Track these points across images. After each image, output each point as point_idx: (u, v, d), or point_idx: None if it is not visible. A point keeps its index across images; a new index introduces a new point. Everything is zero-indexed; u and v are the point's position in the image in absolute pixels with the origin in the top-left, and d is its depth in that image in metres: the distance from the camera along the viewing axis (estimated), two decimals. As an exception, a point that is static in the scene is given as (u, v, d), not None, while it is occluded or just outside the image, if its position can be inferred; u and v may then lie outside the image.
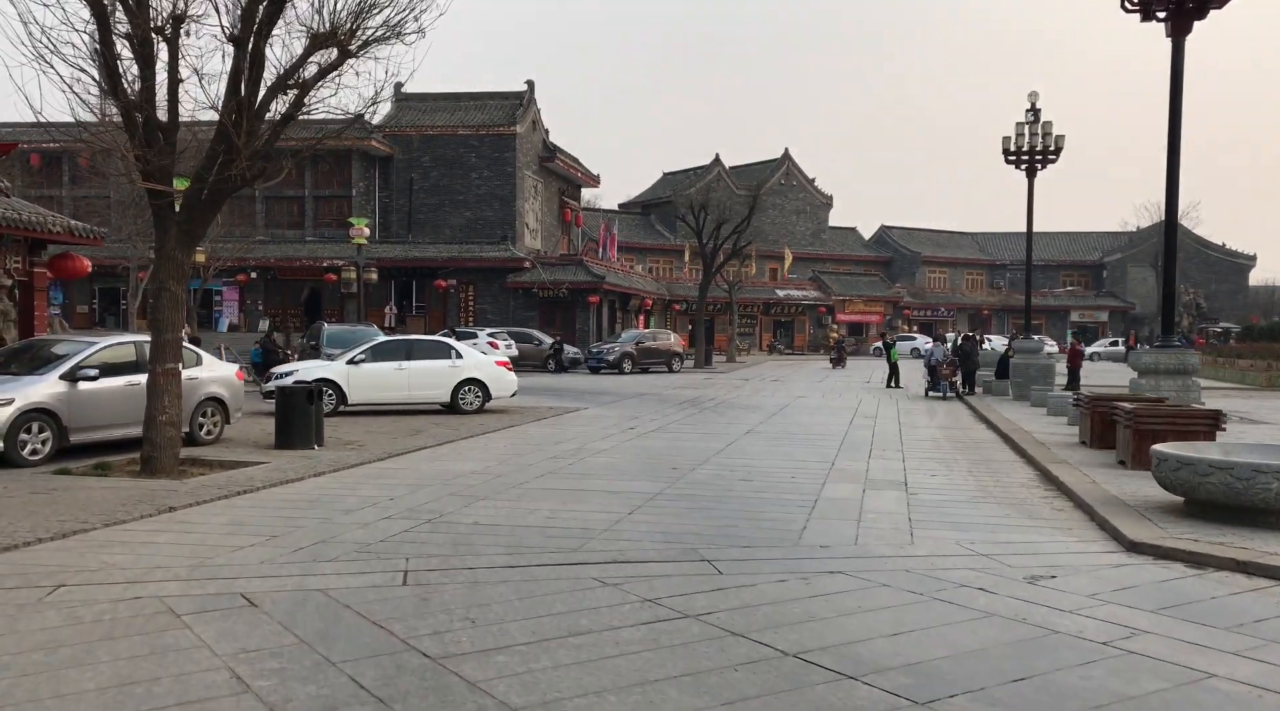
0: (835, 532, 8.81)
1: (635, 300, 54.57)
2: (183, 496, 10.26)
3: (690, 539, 8.49)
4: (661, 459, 13.78)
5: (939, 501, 10.52)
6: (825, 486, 11.41)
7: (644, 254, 67.53)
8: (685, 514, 9.62)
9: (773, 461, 13.65)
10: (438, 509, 9.86)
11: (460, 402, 20.27)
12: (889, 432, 17.63)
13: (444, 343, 20.78)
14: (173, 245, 12.29)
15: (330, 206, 50.75)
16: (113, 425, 13.42)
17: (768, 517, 9.50)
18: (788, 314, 69.71)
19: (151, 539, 8.42)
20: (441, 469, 12.70)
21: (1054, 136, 40.50)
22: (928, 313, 76.15)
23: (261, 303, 49.23)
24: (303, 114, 12.56)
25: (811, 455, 14.40)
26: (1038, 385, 23.39)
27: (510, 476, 12.07)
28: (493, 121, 50.79)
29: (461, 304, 48.68)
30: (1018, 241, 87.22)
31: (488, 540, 8.42)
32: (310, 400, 14.42)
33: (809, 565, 7.56)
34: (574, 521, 9.24)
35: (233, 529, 8.83)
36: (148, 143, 11.94)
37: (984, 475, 12.53)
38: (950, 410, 22.84)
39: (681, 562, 7.61)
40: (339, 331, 25.59)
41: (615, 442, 15.68)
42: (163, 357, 12.14)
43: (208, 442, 14.71)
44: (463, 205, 50.47)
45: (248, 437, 15.72)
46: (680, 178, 74.03)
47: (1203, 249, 78.52)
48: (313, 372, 19.36)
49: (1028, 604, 6.49)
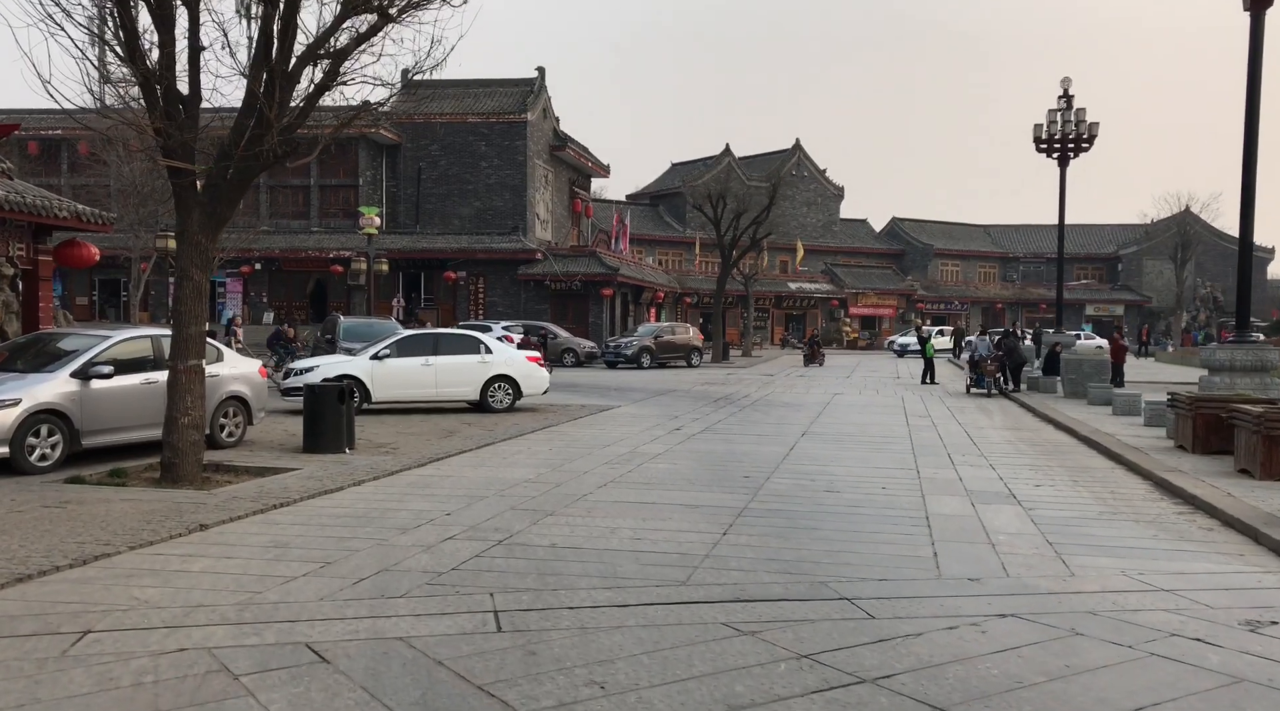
0: (974, 560, 7.65)
1: (648, 293, 53.39)
2: (213, 511, 9.08)
3: (808, 568, 7.33)
4: (726, 466, 12.61)
5: (1064, 518, 9.36)
6: (927, 500, 10.25)
7: (653, 246, 66.23)
8: (787, 534, 8.46)
9: (849, 468, 12.49)
10: (504, 526, 8.69)
11: (490, 401, 19.09)
12: (955, 434, 16.47)
13: (472, 337, 19.59)
14: (195, 229, 11.10)
15: (336, 196, 49.48)
16: (128, 427, 12.24)
17: (883, 540, 8.33)
18: (800, 307, 68.53)
19: (186, 566, 7.24)
20: (491, 476, 11.53)
21: (1087, 124, 39.39)
22: (941, 306, 74.98)
23: (266, 295, 48.01)
24: (339, 83, 11.36)
25: (888, 461, 13.24)
26: (1094, 382, 22.23)
27: (569, 486, 10.90)
28: (503, 109, 49.52)
29: (471, 296, 47.47)
30: (1030, 234, 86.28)
31: (576, 568, 7.25)
32: (341, 400, 13.24)
33: (968, 605, 6.40)
34: (665, 543, 8.08)
35: (277, 552, 7.66)
36: (168, 116, 10.75)
37: (1093, 486, 11.37)
38: (1004, 409, 21.69)
39: (817, 602, 6.44)
40: (356, 325, 24.38)
41: (667, 445, 14.51)
42: (185, 353, 10.95)
43: (229, 445, 13.53)
44: (472, 195, 49.21)
45: (270, 439, 14.54)
46: (690, 168, 72.80)
47: (1220, 241, 77.36)
48: (335, 368, 18.17)
49: (1272, 662, 5.33)
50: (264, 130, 10.79)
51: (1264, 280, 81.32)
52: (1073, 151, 39.89)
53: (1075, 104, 39.54)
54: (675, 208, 70.29)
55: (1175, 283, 74.88)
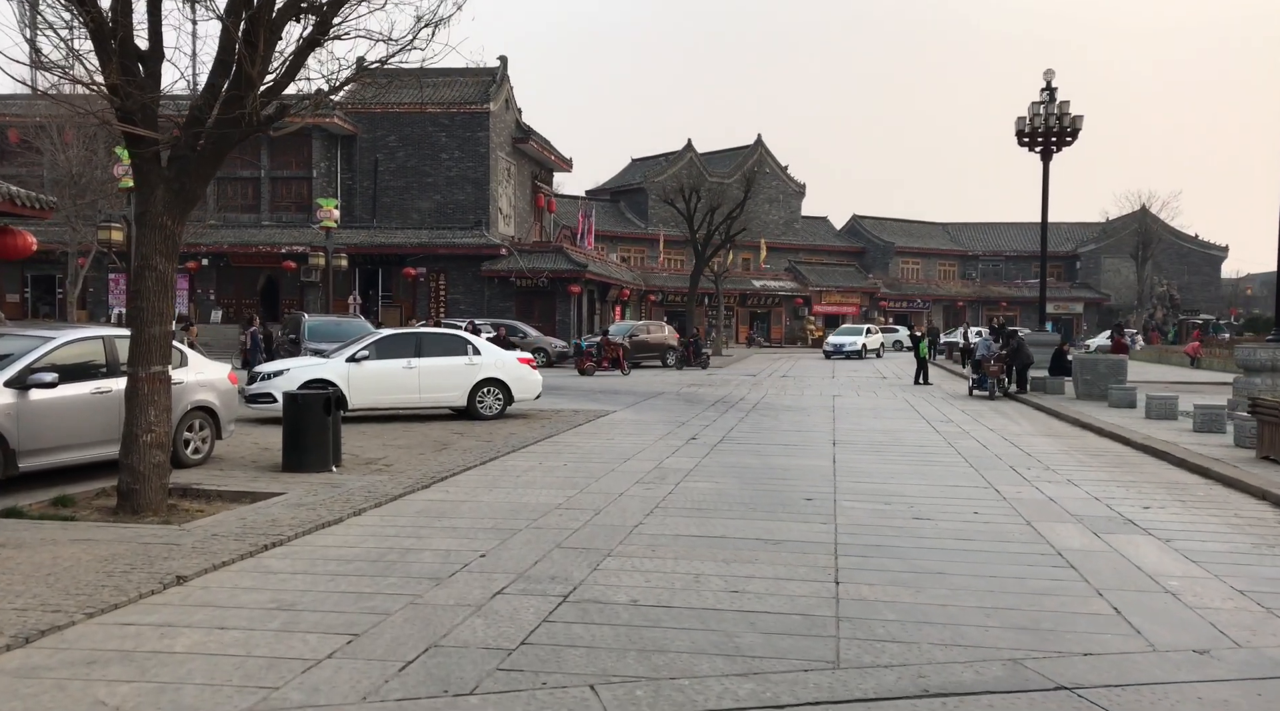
0: (1172, 619, 6.13)
1: (614, 290, 51.75)
2: (191, 555, 7.27)
3: (976, 635, 5.75)
4: (775, 484, 11.02)
5: (1218, 553, 7.90)
6: (1037, 528, 8.74)
7: (615, 242, 64.44)
8: (916, 583, 6.87)
9: (916, 487, 10.97)
10: (560, 573, 7.01)
11: (478, 406, 17.30)
12: (997, 443, 15.05)
13: (459, 336, 17.81)
14: (159, 209, 9.23)
15: (289, 188, 47.08)
16: (76, 446, 10.30)
17: (1035, 589, 6.78)
18: (764, 306, 67.27)
19: (166, 643, 5.47)
20: (512, 501, 9.82)
21: (1070, 117, 38.51)
22: (904, 304, 74.28)
23: (214, 292, 45.42)
24: (331, 37, 9.57)
25: (952, 477, 11.74)
26: (1114, 384, 21.01)
27: (610, 514, 9.23)
28: (464, 99, 47.47)
29: (432, 293, 45.39)
30: (988, 232, 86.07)
31: (682, 641, 5.60)
32: (327, 410, 11.41)
33: (1236, 698, 4.85)
34: (772, 599, 6.46)
35: (284, 619, 5.91)
36: (125, 71, 8.89)
37: (1207, 508, 9.95)
38: (1021, 412, 20.37)
39: (1034, 694, 4.85)
40: (323, 324, 22.36)
41: (694, 459, 12.89)
42: (147, 358, 9.09)
43: (195, 463, 11.64)
44: (432, 188, 47.10)
45: (241, 455, 12.66)
46: (651, 164, 71.24)
47: (1178, 240, 77.71)
48: (306, 372, 16.29)
49: None
50: (243, 91, 9.00)
51: (1217, 278, 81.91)
52: (1055, 145, 38.98)
53: (1039, 99, 38.57)
54: (637, 204, 68.67)
55: (1134, 281, 74.99)
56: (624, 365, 32.23)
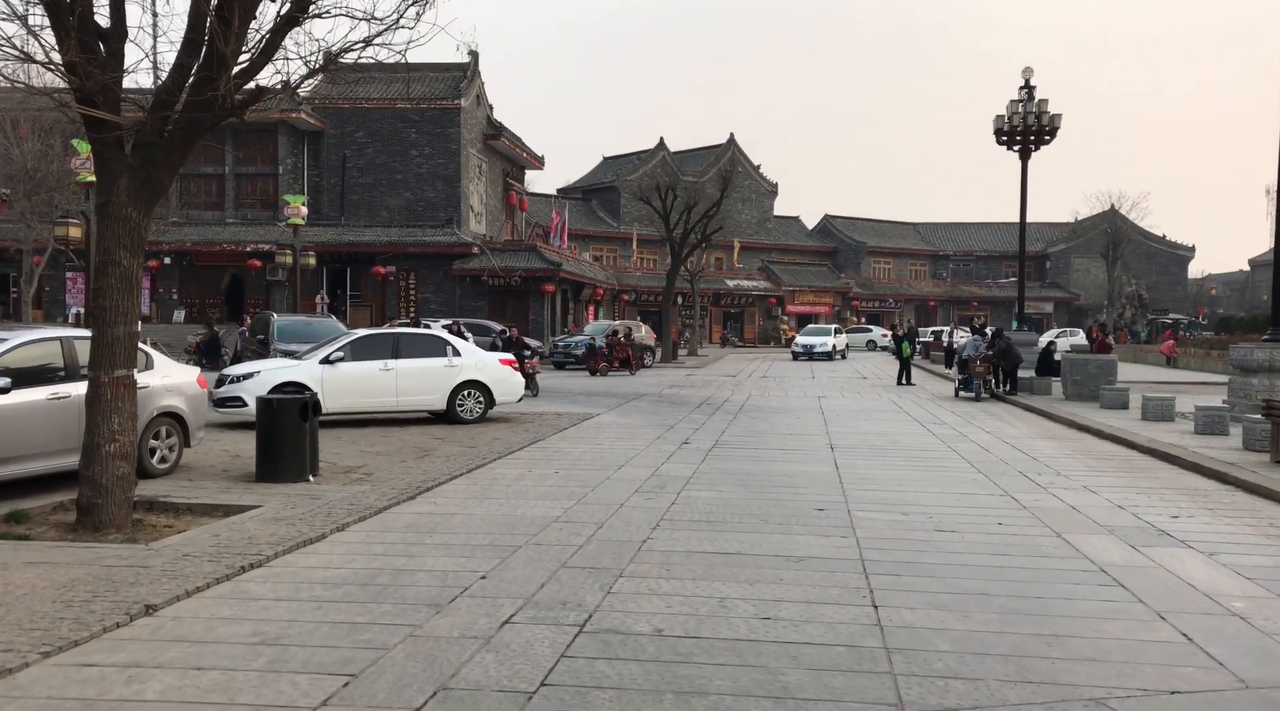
0: (1247, 646, 5.61)
1: (588, 290, 51.08)
2: (160, 579, 6.57)
3: (1043, 667, 5.20)
4: (781, 493, 10.46)
5: (1267, 567, 7.40)
6: (1069, 540, 8.22)
7: (587, 241, 63.75)
8: (961, 608, 6.30)
9: (929, 496, 10.44)
10: (572, 597, 6.39)
11: (458, 410, 16.61)
12: (999, 447, 14.58)
13: (438, 337, 17.10)
14: (123, 199, 8.51)
15: (254, 185, 45.97)
16: (31, 456, 9.52)
17: (1090, 612, 6.24)
18: (738, 305, 66.88)
19: (137, 691, 4.79)
20: (506, 514, 9.18)
21: (1049, 115, 38.31)
22: (876, 304, 74.22)
23: (176, 291, 44.21)
24: (312, 15, 8.88)
25: (962, 484, 11.23)
26: (1105, 385, 20.66)
27: (614, 528, 8.62)
28: (435, 94, 46.58)
29: (402, 292, 44.48)
30: (958, 232, 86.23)
31: (722, 680, 4.99)
32: (304, 416, 10.70)
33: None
34: (811, 627, 5.87)
35: (271, 657, 5.24)
36: (84, 48, 8.15)
37: (1238, 516, 9.47)
38: (1013, 414, 19.95)
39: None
40: (293, 324, 21.52)
41: (690, 466, 12.29)
42: (111, 361, 8.36)
43: (162, 473, 10.88)
44: (402, 185, 46.18)
45: (210, 463, 11.91)
46: (623, 162, 70.63)
47: (1146, 241, 78.22)
48: (278, 375, 15.52)
49: None
50: (215, 72, 8.29)
51: (1184, 277, 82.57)
52: (1034, 144, 38.77)
53: (1017, 98, 38.37)
54: (609, 202, 68.06)
55: (1103, 280, 75.34)
56: (633, 365, 33.97)
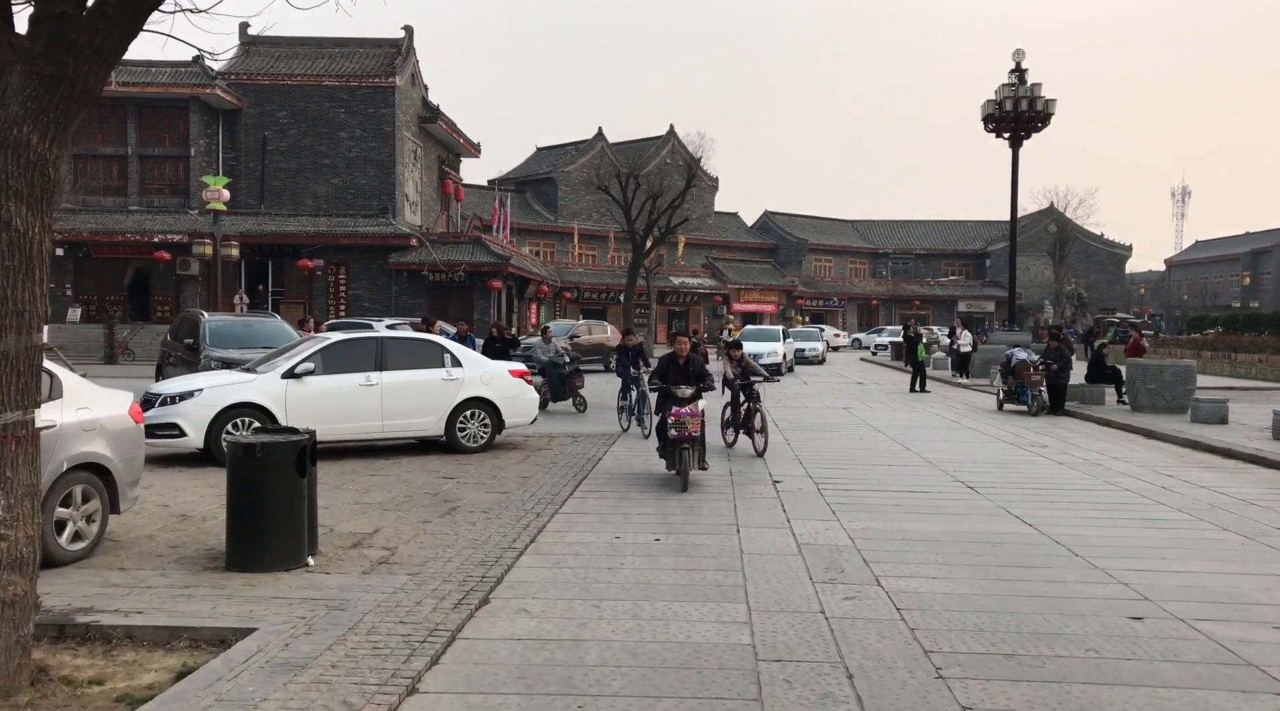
0: None
1: (532, 286, 47.39)
2: None
3: None
4: (1030, 584, 7.21)
5: None
6: None
7: (524, 235, 59.88)
8: None
9: (1228, 579, 7.32)
10: None
11: (460, 436, 12.99)
12: (1176, 485, 11.59)
13: (433, 343, 13.38)
14: (14, 112, 4.80)
15: (162, 169, 41.15)
16: None
17: None
18: (683, 303, 63.79)
19: None
20: (655, 637, 5.72)
21: (1042, 100, 36.28)
22: (820, 303, 72.06)
23: (71, 287, 39.06)
24: None
25: (1239, 554, 8.14)
26: (1195, 396, 17.92)
27: (868, 672, 5.24)
28: (366, 71, 42.35)
29: (332, 288, 40.24)
30: (896, 230, 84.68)
31: None
32: (302, 470, 7.04)
33: None
34: None
35: None
36: None
37: None
38: (1108, 433, 16.76)
39: None
40: (227, 325, 17.41)
41: (829, 524, 8.96)
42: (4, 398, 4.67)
43: (75, 557, 7.11)
44: (329, 170, 41.85)
45: (146, 531, 8.15)
46: (558, 153, 67.04)
47: (1086, 240, 77.55)
48: (228, 393, 11.73)
49: None
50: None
51: (1122, 276, 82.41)
52: (1024, 132, 36.60)
53: (1009, 83, 36.34)
54: (545, 195, 64.37)
55: (1043, 279, 74.39)
56: None
